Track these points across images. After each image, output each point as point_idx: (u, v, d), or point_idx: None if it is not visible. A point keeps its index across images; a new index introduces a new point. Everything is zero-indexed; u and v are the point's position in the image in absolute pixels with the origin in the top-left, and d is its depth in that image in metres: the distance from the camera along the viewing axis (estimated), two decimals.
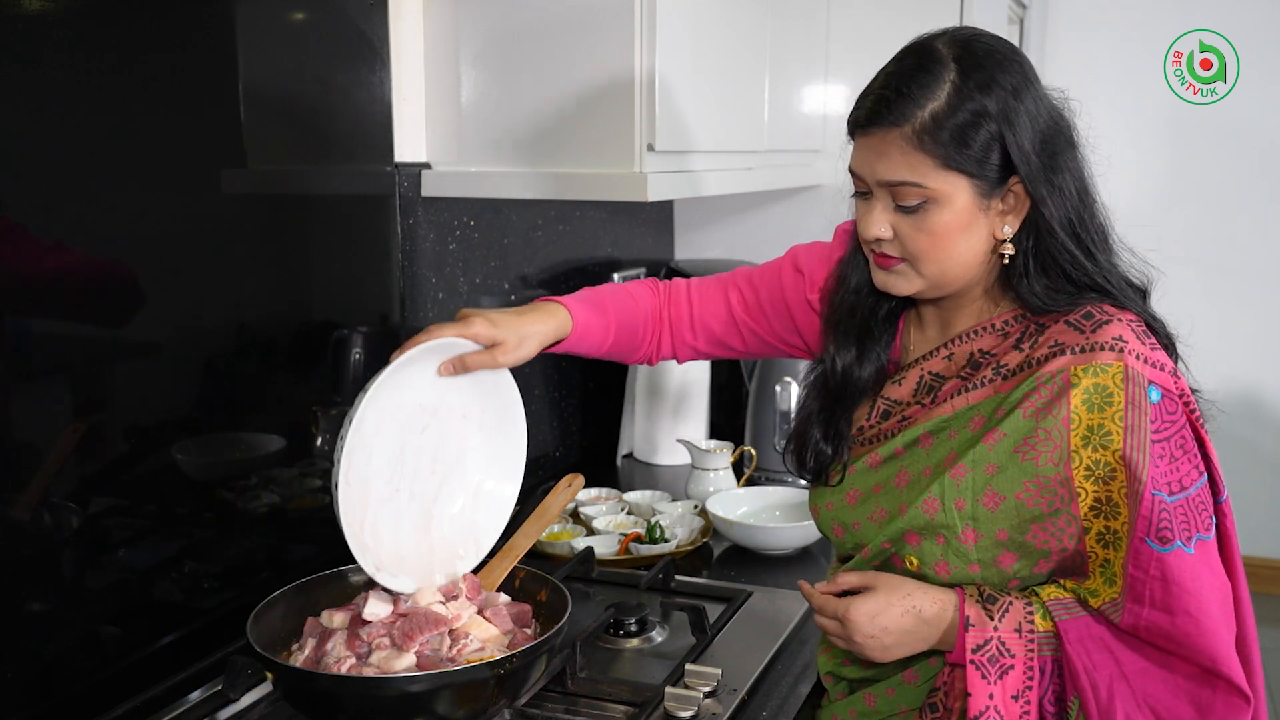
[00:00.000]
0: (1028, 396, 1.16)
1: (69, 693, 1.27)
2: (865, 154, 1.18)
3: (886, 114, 1.14)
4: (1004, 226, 1.18)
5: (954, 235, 1.16)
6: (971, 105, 1.12)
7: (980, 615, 1.16)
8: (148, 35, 1.30)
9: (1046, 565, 1.18)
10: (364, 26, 1.66)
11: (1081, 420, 1.13)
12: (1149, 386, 1.13)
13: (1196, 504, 1.13)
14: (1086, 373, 1.13)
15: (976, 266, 1.20)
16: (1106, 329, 1.15)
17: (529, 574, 1.39)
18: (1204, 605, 1.11)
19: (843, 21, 2.60)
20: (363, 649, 1.21)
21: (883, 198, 1.18)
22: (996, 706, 1.14)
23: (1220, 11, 3.89)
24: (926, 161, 1.13)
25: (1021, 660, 1.15)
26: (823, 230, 2.68)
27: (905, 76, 1.14)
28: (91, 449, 1.29)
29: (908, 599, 1.19)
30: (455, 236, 1.93)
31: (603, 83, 1.73)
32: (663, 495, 2.05)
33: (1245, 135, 3.98)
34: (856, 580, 1.24)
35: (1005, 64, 1.15)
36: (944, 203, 1.15)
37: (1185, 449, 1.14)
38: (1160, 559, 1.10)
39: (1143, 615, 1.12)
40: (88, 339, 1.30)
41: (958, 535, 1.18)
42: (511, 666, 1.17)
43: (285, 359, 1.59)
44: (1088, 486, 1.13)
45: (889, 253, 1.20)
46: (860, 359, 1.30)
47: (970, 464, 1.17)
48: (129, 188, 1.30)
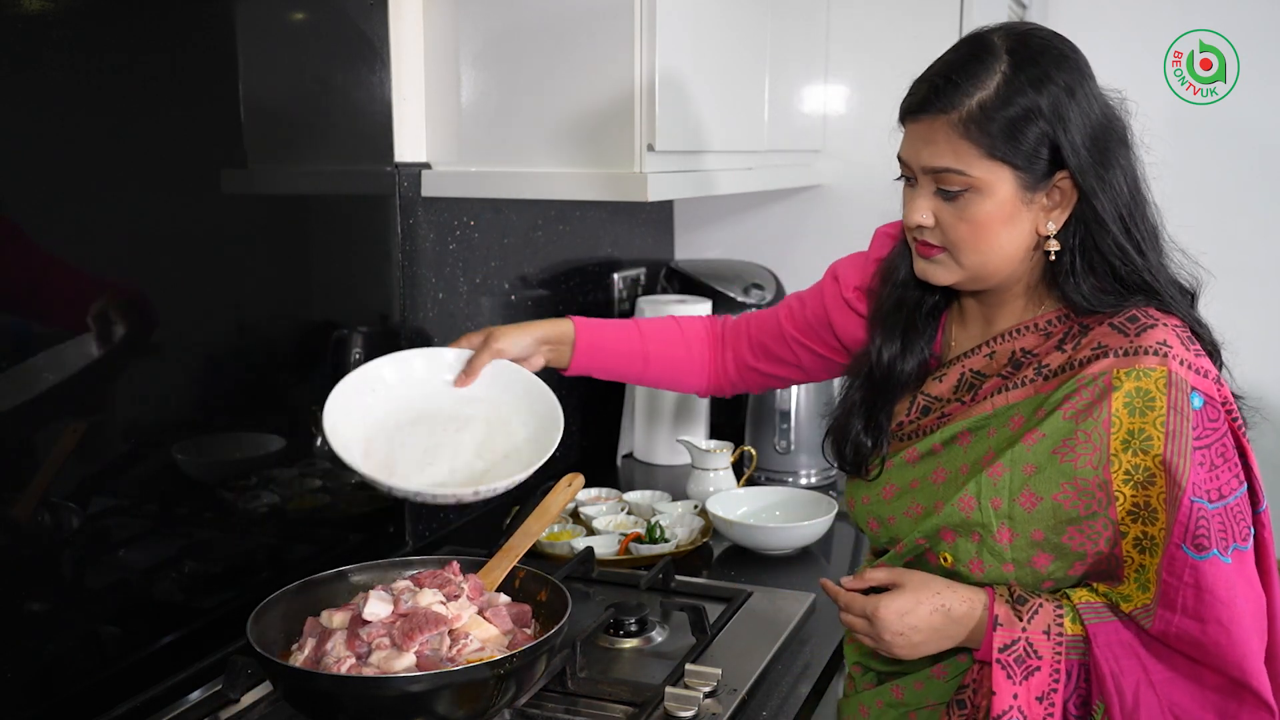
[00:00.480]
0: (1068, 398, 1.15)
1: (69, 693, 1.27)
2: (913, 140, 1.19)
3: (935, 101, 1.14)
4: (1048, 222, 1.17)
5: (995, 226, 1.16)
6: (1023, 100, 1.12)
7: (1009, 615, 1.16)
8: (148, 35, 1.30)
9: (1081, 568, 1.17)
10: (364, 26, 1.67)
11: (1123, 424, 1.12)
12: (1192, 393, 1.12)
13: (1235, 513, 1.12)
14: (1129, 376, 1.13)
15: (1017, 261, 1.20)
16: (1151, 333, 1.14)
17: (529, 574, 1.39)
18: (1236, 615, 1.09)
19: (843, 21, 2.60)
20: (362, 649, 1.21)
21: (927, 185, 1.18)
22: (1020, 707, 1.14)
23: (1220, 11, 3.89)
24: (972, 150, 1.13)
25: (1049, 662, 1.15)
26: (823, 230, 2.67)
27: (957, 65, 1.15)
28: (91, 449, 1.29)
29: (937, 597, 1.19)
30: (455, 236, 1.93)
31: (603, 83, 1.73)
32: (663, 495, 2.05)
33: (1245, 135, 3.98)
34: (885, 577, 1.24)
35: (1060, 60, 1.15)
36: (986, 192, 1.15)
37: (1226, 457, 1.13)
38: (1195, 566, 1.09)
39: (1174, 622, 1.11)
40: (88, 339, 1.30)
41: (993, 534, 1.18)
42: (511, 666, 1.17)
43: (285, 359, 1.59)
44: (1126, 491, 1.13)
45: (930, 240, 1.21)
46: (904, 352, 1.31)
47: (1008, 463, 1.17)
48: (129, 188, 1.30)
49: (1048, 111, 1.12)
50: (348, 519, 1.73)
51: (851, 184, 2.60)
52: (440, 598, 1.26)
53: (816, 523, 1.83)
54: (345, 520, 1.73)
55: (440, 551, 1.80)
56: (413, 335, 1.83)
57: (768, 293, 2.54)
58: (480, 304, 2.01)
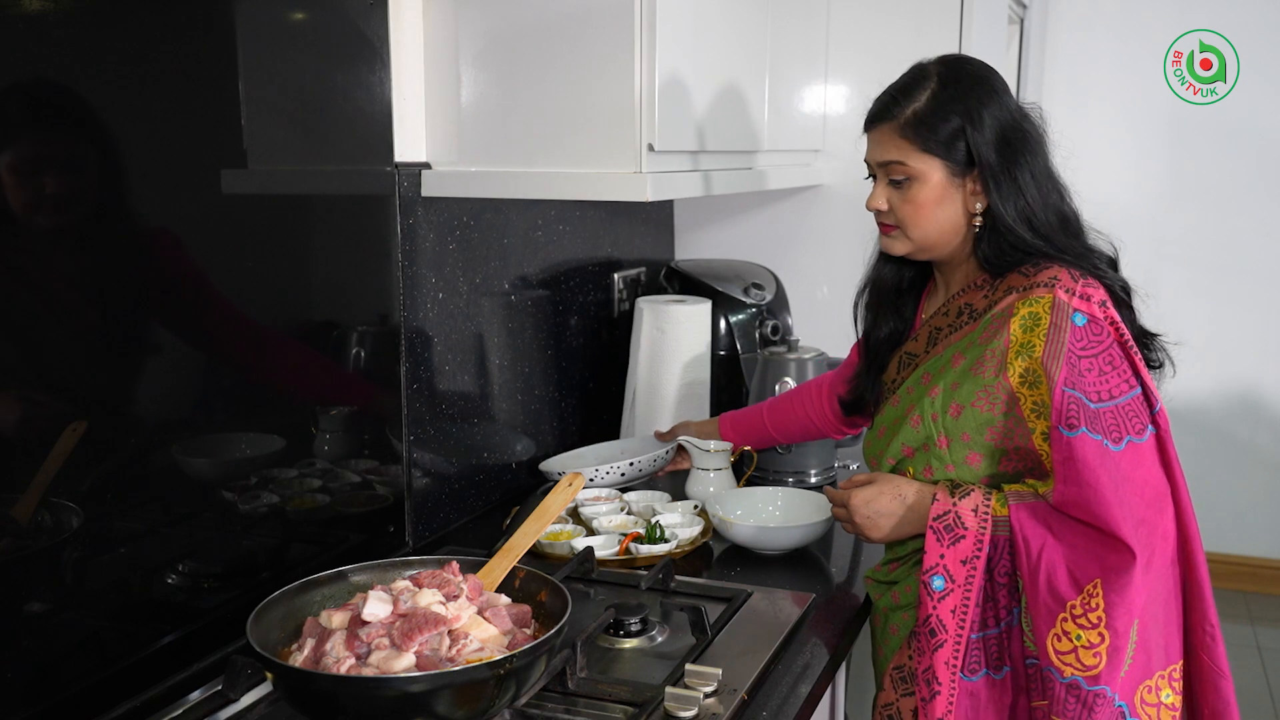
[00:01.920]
0: (984, 329, 1.48)
1: (69, 693, 1.27)
2: (871, 144, 1.55)
3: (884, 113, 1.51)
4: (976, 204, 1.50)
5: (931, 206, 1.50)
6: (946, 106, 1.47)
7: (945, 495, 1.46)
8: (148, 35, 1.30)
9: (1009, 465, 1.47)
10: (364, 26, 1.67)
11: (1017, 339, 1.43)
12: (1074, 313, 1.41)
13: (1126, 411, 1.40)
14: (1024, 304, 1.44)
15: (954, 233, 1.52)
16: (1045, 272, 1.45)
17: (529, 574, 1.39)
18: (1101, 479, 1.35)
19: (843, 22, 2.60)
20: (362, 649, 1.20)
21: (881, 178, 1.53)
22: (946, 566, 1.43)
23: (1220, 11, 3.89)
24: (909, 146, 1.48)
25: (973, 533, 1.42)
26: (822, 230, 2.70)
27: (900, 86, 1.52)
28: (91, 449, 1.29)
29: (896, 488, 1.52)
30: (455, 236, 1.93)
31: (603, 83, 1.73)
32: (663, 495, 2.05)
33: (1245, 135, 3.98)
34: (863, 479, 1.57)
35: (977, 80, 1.50)
36: (922, 179, 1.49)
37: (1114, 365, 1.41)
38: (1068, 442, 1.37)
39: (1060, 490, 1.38)
40: (88, 339, 1.30)
41: (935, 442, 1.50)
42: (512, 666, 1.17)
43: (285, 359, 1.59)
44: (1024, 391, 1.42)
45: (887, 221, 1.55)
46: (876, 322, 1.66)
47: (941, 384, 1.50)
48: (129, 188, 1.30)
49: (961, 113, 1.46)
50: (348, 519, 1.73)
51: (851, 184, 2.59)
52: (439, 598, 1.26)
53: (816, 523, 1.83)
54: (345, 520, 1.73)
55: (440, 551, 1.80)
56: (413, 335, 1.83)
57: (768, 293, 2.54)
58: (480, 304, 2.01)
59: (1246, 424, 4.08)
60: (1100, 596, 1.34)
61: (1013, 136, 1.47)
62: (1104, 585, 1.35)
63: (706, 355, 2.35)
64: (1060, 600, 1.37)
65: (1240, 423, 4.09)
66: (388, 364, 1.79)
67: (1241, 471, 4.10)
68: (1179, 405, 4.03)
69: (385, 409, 1.80)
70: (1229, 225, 4.06)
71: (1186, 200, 4.04)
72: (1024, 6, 3.46)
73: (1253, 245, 4.05)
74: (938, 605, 1.42)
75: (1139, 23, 3.96)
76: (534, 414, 2.22)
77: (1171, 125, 4.01)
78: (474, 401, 2.03)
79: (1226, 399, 4.08)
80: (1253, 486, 4.13)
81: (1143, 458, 1.40)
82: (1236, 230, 4.05)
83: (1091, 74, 3.95)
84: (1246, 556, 4.15)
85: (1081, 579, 1.36)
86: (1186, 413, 4.03)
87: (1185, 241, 4.05)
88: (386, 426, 1.80)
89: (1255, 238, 4.04)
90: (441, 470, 1.94)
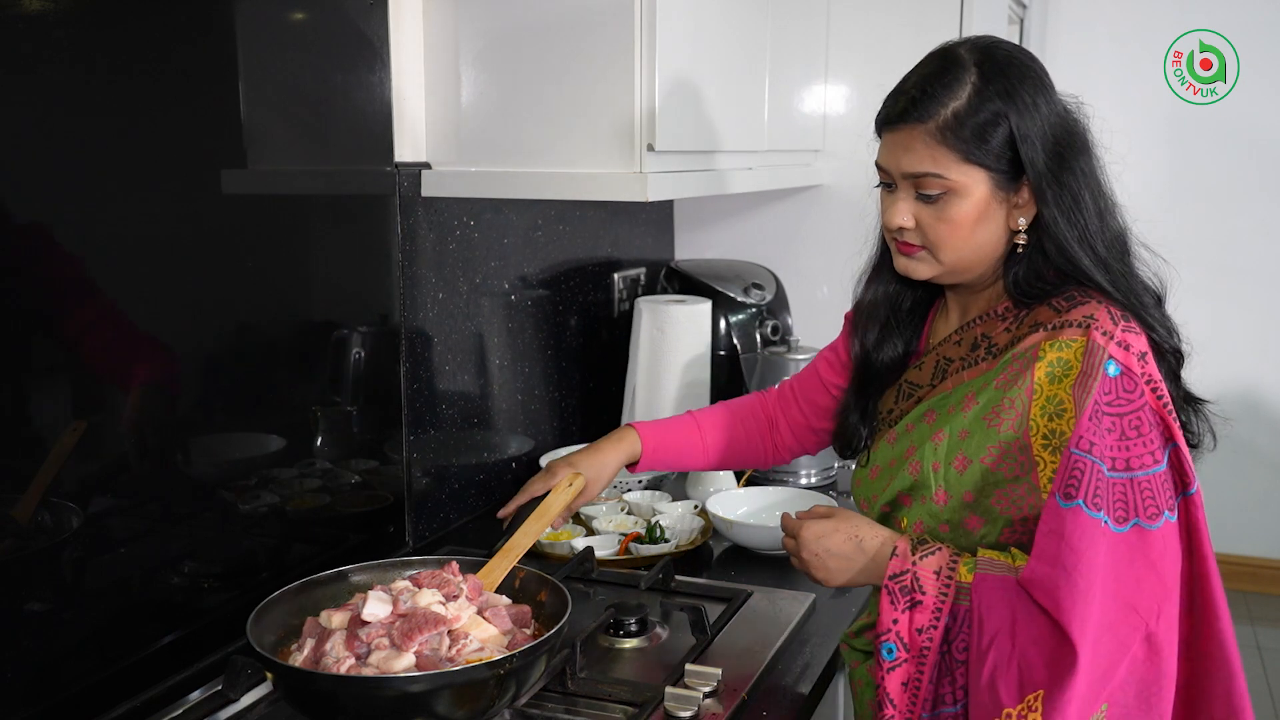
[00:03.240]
0: (1003, 369, 1.24)
1: (69, 693, 1.27)
2: (892, 149, 1.27)
3: (913, 111, 1.23)
4: (1020, 219, 1.25)
5: (971, 224, 1.24)
6: (991, 106, 1.21)
7: (906, 550, 1.24)
8: (148, 35, 1.30)
9: (1011, 535, 1.23)
10: (364, 26, 1.67)
11: (1043, 391, 1.20)
12: (1108, 360, 1.17)
13: (1143, 488, 1.16)
14: (1053, 347, 1.21)
15: (993, 255, 1.28)
16: (1081, 309, 1.22)
17: (529, 574, 1.39)
18: (1080, 566, 1.12)
19: (843, 22, 2.60)
20: (362, 649, 1.21)
21: (906, 189, 1.27)
22: (899, 632, 1.22)
23: (1220, 11, 3.89)
24: (949, 155, 1.22)
25: (932, 599, 1.21)
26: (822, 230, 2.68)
27: (931, 78, 1.24)
28: (91, 449, 1.29)
29: (853, 528, 1.30)
30: (455, 236, 1.93)
31: (603, 83, 1.73)
32: (663, 495, 2.05)
33: (1245, 135, 3.98)
34: (824, 512, 1.35)
35: (1024, 71, 1.24)
36: (963, 194, 1.23)
37: (1141, 431, 1.17)
38: (1059, 513, 1.14)
39: (1031, 566, 1.16)
40: (88, 339, 1.30)
41: (932, 495, 1.27)
42: (512, 666, 1.17)
43: (285, 359, 1.59)
44: (1046, 456, 1.19)
45: (911, 240, 1.29)
46: (880, 343, 1.40)
47: (948, 430, 1.27)
48: (129, 188, 1.30)
49: (1012, 116, 1.21)
50: (348, 519, 1.73)
51: (851, 184, 2.59)
52: (439, 598, 1.26)
53: None
54: (345, 520, 1.73)
55: (440, 551, 1.80)
56: (413, 335, 1.83)
57: (768, 293, 2.54)
58: (480, 304, 2.01)
59: (1246, 424, 4.07)
60: (1039, 713, 1.13)
61: (1065, 139, 1.23)
62: (1045, 700, 1.13)
63: (706, 355, 2.35)
64: (998, 704, 1.15)
65: (1240, 423, 4.08)
66: (388, 364, 1.79)
67: (1241, 471, 4.10)
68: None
69: (385, 409, 1.80)
70: (1229, 225, 4.06)
71: (1186, 200, 4.04)
72: (1024, 6, 3.46)
73: (1253, 245, 4.05)
74: (887, 676, 1.22)
75: (1139, 23, 3.96)
76: (534, 414, 2.22)
77: (1171, 125, 4.01)
78: (474, 401, 2.03)
79: (1226, 399, 4.07)
80: (1253, 486, 4.13)
81: (1151, 546, 1.16)
82: (1236, 230, 4.05)
83: (1091, 74, 3.95)
84: (1247, 556, 4.15)
85: (1026, 686, 1.14)
86: None
87: (1185, 241, 4.03)
88: (386, 426, 1.80)
89: (1255, 238, 4.04)
90: (441, 470, 1.94)
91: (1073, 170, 1.23)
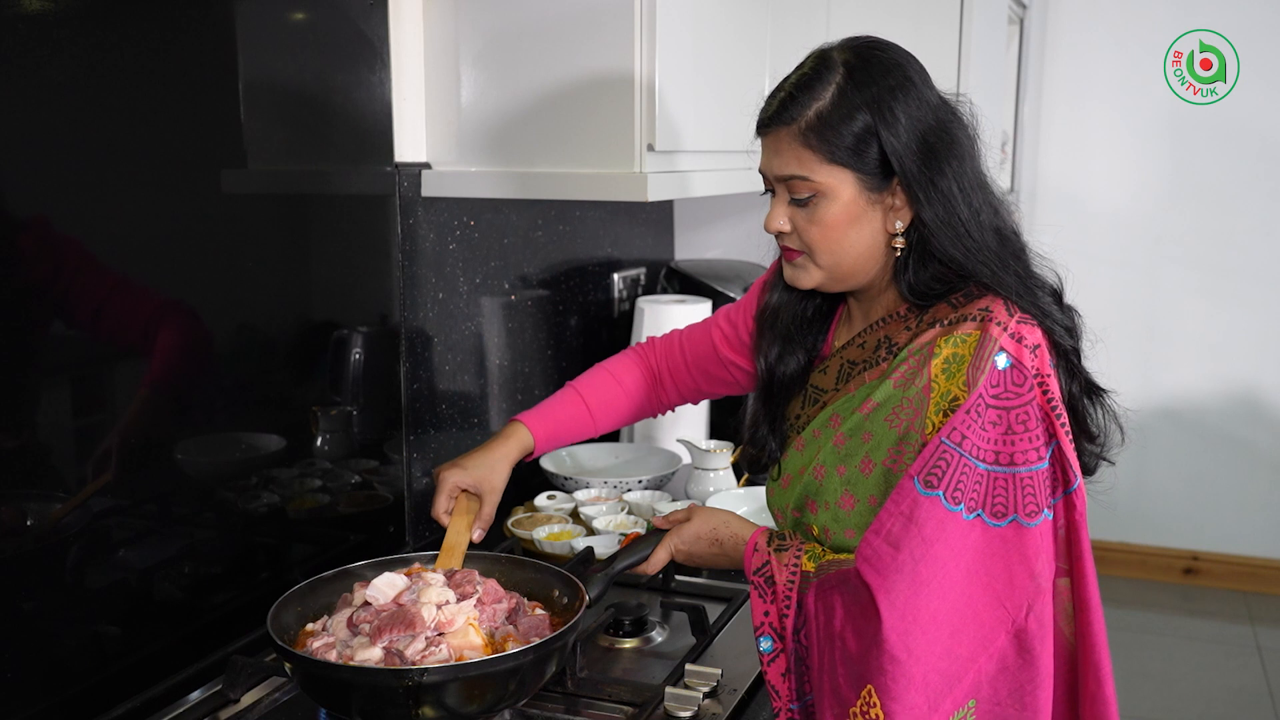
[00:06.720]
0: (898, 368, 1.22)
1: (69, 693, 1.27)
2: (766, 153, 1.27)
3: (782, 114, 1.22)
4: (896, 221, 1.23)
5: (842, 227, 1.23)
6: (854, 106, 1.19)
7: (763, 544, 1.26)
8: (148, 35, 1.30)
9: None
10: (364, 26, 1.67)
11: (939, 387, 1.18)
12: (999, 352, 1.16)
13: (1025, 484, 1.14)
14: (948, 343, 1.19)
15: (872, 259, 1.26)
16: (977, 302, 1.20)
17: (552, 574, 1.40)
18: (930, 559, 1.11)
19: (843, 22, 2.60)
20: (354, 631, 1.22)
21: (781, 193, 1.26)
22: (771, 623, 1.23)
23: (1220, 11, 3.89)
24: (814, 157, 1.21)
25: (781, 588, 1.22)
26: None
27: (799, 81, 1.23)
28: (91, 449, 1.29)
29: (710, 529, 1.32)
30: (455, 236, 1.93)
31: (603, 83, 1.73)
32: (663, 495, 2.05)
33: (1245, 135, 3.98)
34: (681, 516, 1.37)
35: (889, 67, 1.22)
36: (831, 196, 1.22)
37: (1028, 426, 1.15)
38: (917, 499, 1.13)
39: (872, 543, 1.14)
40: (88, 339, 1.30)
41: (838, 500, 1.24)
42: (523, 662, 1.17)
43: (285, 359, 1.59)
44: None
45: (790, 245, 1.28)
46: (782, 356, 1.37)
47: (848, 433, 1.25)
48: (129, 188, 1.30)
49: (872, 112, 1.19)
50: (348, 519, 1.73)
51: None
52: (449, 596, 1.26)
53: None
54: (345, 520, 1.73)
55: None
56: (413, 335, 1.83)
57: None
58: (480, 304, 2.01)
59: (1246, 424, 4.07)
60: (878, 708, 1.11)
61: (935, 138, 1.20)
62: (878, 692, 1.11)
63: None
64: (841, 700, 1.15)
65: (1240, 423, 4.09)
66: (388, 364, 1.80)
67: (1241, 471, 4.10)
68: (1179, 405, 4.04)
69: (385, 409, 1.80)
70: (1229, 225, 4.05)
71: (1186, 200, 4.04)
72: (1024, 6, 3.46)
73: (1253, 245, 4.04)
74: (768, 669, 1.23)
75: (1139, 23, 3.95)
76: None
77: (1171, 125, 4.01)
78: (474, 401, 2.03)
79: (1226, 399, 4.08)
80: (1253, 486, 4.13)
81: (1027, 543, 1.14)
82: (1236, 230, 4.05)
83: (1091, 74, 3.95)
84: (1246, 556, 4.15)
85: (860, 679, 1.13)
86: (1187, 412, 4.04)
87: (1185, 241, 4.04)
88: (387, 426, 1.80)
89: (1255, 238, 4.04)
90: None
91: (945, 170, 1.19)
